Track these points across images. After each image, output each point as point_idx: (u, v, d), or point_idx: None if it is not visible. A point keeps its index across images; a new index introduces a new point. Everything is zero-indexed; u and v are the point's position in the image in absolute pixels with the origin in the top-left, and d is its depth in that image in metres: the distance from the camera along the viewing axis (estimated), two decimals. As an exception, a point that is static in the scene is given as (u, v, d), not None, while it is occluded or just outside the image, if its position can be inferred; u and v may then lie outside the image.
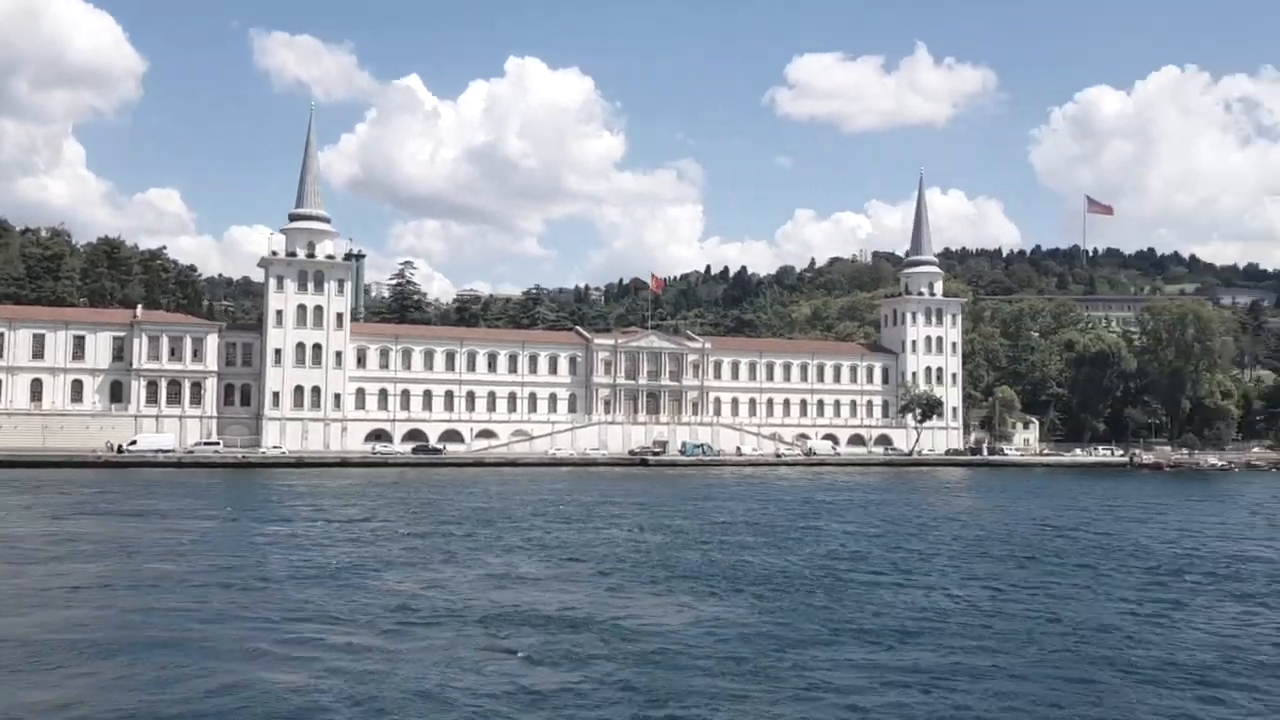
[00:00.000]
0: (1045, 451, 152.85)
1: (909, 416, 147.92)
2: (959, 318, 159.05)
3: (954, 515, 64.61)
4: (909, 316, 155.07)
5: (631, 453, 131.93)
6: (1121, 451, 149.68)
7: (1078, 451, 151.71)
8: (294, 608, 30.13)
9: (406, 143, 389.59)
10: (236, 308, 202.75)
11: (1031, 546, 47.89)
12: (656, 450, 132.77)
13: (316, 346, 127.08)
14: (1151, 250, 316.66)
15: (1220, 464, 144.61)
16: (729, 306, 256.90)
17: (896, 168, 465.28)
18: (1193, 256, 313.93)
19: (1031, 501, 78.67)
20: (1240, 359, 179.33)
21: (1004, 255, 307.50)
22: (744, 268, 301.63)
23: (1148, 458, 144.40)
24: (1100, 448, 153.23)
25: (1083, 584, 37.00)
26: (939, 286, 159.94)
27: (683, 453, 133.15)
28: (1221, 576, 39.54)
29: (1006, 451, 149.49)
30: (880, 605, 31.82)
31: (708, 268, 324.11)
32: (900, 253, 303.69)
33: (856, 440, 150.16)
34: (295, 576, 35.74)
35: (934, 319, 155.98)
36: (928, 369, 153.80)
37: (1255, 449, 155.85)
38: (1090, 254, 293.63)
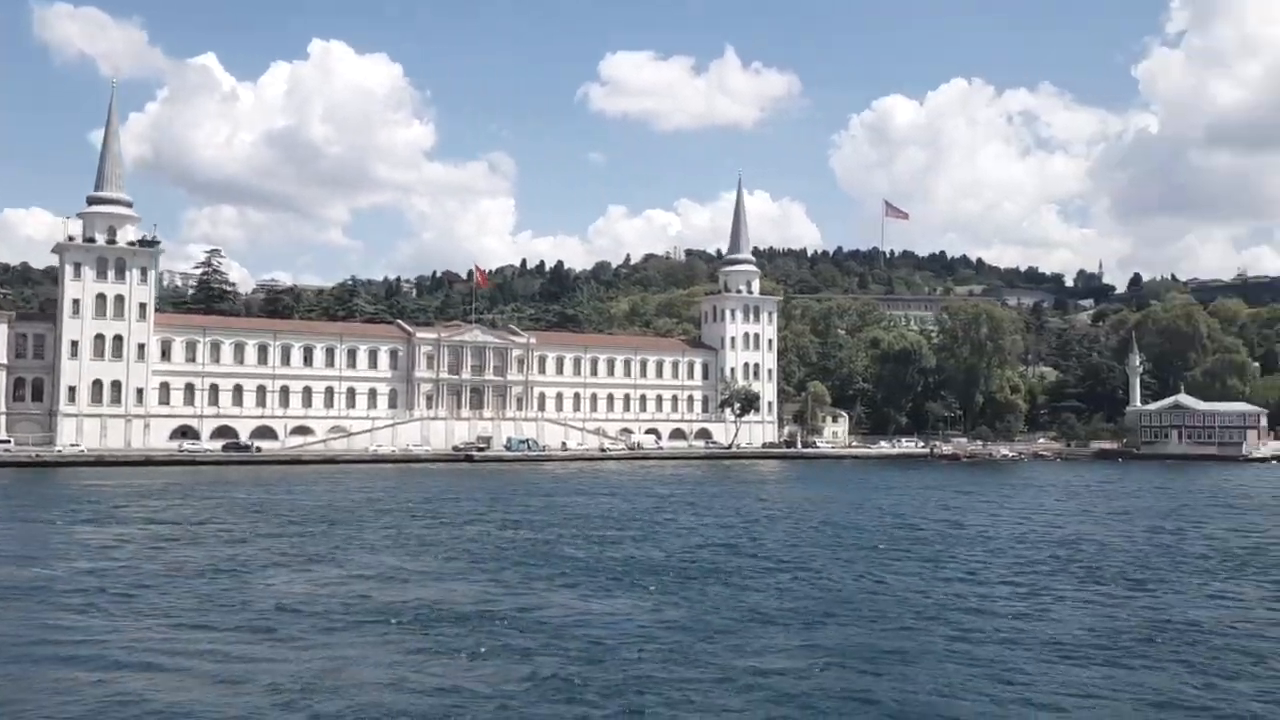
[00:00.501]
0: (854, 444, 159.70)
1: (728, 411, 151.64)
2: (775, 315, 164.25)
3: (796, 506, 66.61)
4: (728, 314, 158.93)
5: (455, 449, 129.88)
6: (922, 443, 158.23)
7: (883, 444, 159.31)
8: (191, 611, 28.33)
9: (202, 124, 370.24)
10: (16, 296, 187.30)
11: (888, 535, 49.94)
12: (481, 446, 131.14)
13: (117, 338, 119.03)
14: (943, 253, 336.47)
15: (1011, 454, 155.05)
16: (546, 301, 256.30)
17: (706, 167, 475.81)
18: (979, 260, 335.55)
19: (861, 491, 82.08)
20: (1026, 356, 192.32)
21: (809, 255, 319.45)
22: (560, 262, 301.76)
23: (946, 449, 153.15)
24: (903, 440, 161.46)
25: (952, 566, 38.87)
26: (756, 285, 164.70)
27: (508, 448, 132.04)
28: (1068, 559, 42.32)
29: (819, 444, 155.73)
30: (776, 591, 32.54)
31: (523, 262, 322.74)
32: (711, 250, 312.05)
33: (678, 434, 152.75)
34: (172, 580, 33.64)
35: (752, 316, 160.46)
36: (746, 365, 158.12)
37: (1040, 440, 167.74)
38: (888, 256, 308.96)
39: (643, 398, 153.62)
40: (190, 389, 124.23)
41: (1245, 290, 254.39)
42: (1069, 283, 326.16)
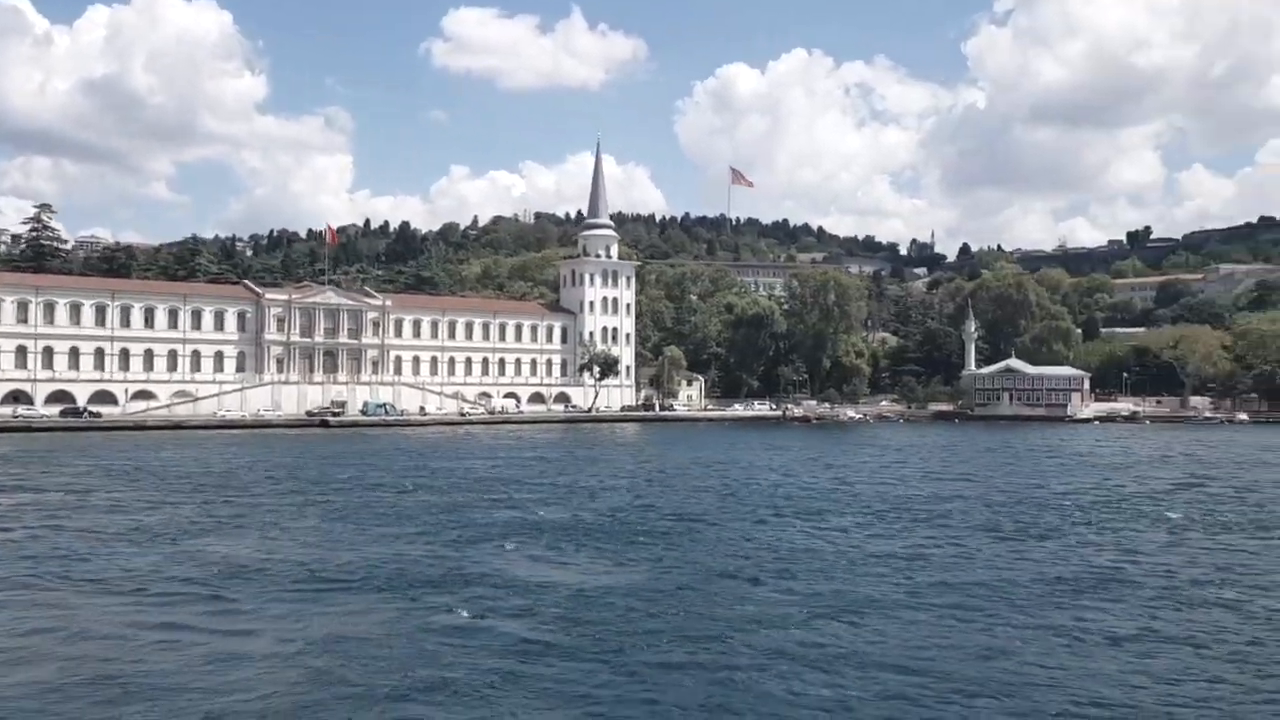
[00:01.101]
0: (709, 407, 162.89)
1: (587, 375, 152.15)
2: (632, 280, 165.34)
3: (685, 467, 67.62)
4: (587, 278, 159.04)
5: (309, 413, 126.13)
6: (774, 406, 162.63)
7: (737, 406, 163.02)
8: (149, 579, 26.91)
9: (11, 70, 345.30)
10: None
11: (802, 491, 51.40)
12: (336, 411, 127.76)
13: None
14: (786, 221, 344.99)
15: (857, 416, 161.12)
16: (393, 262, 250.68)
17: (551, 129, 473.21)
18: (820, 228, 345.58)
19: (738, 452, 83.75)
20: (868, 322, 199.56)
21: (658, 221, 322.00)
22: (406, 223, 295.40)
23: (797, 411, 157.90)
24: (757, 403, 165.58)
25: (874, 522, 40.36)
26: (615, 250, 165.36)
27: (364, 413, 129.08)
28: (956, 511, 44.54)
29: (675, 407, 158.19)
30: (734, 546, 33.33)
31: (367, 222, 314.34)
32: (560, 213, 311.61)
33: (537, 398, 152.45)
34: (109, 548, 31.99)
35: (610, 281, 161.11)
36: (605, 329, 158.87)
37: (884, 402, 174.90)
38: (734, 222, 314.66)
39: (501, 361, 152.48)
40: (22, 352, 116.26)
41: (1066, 260, 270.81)
42: (904, 251, 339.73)
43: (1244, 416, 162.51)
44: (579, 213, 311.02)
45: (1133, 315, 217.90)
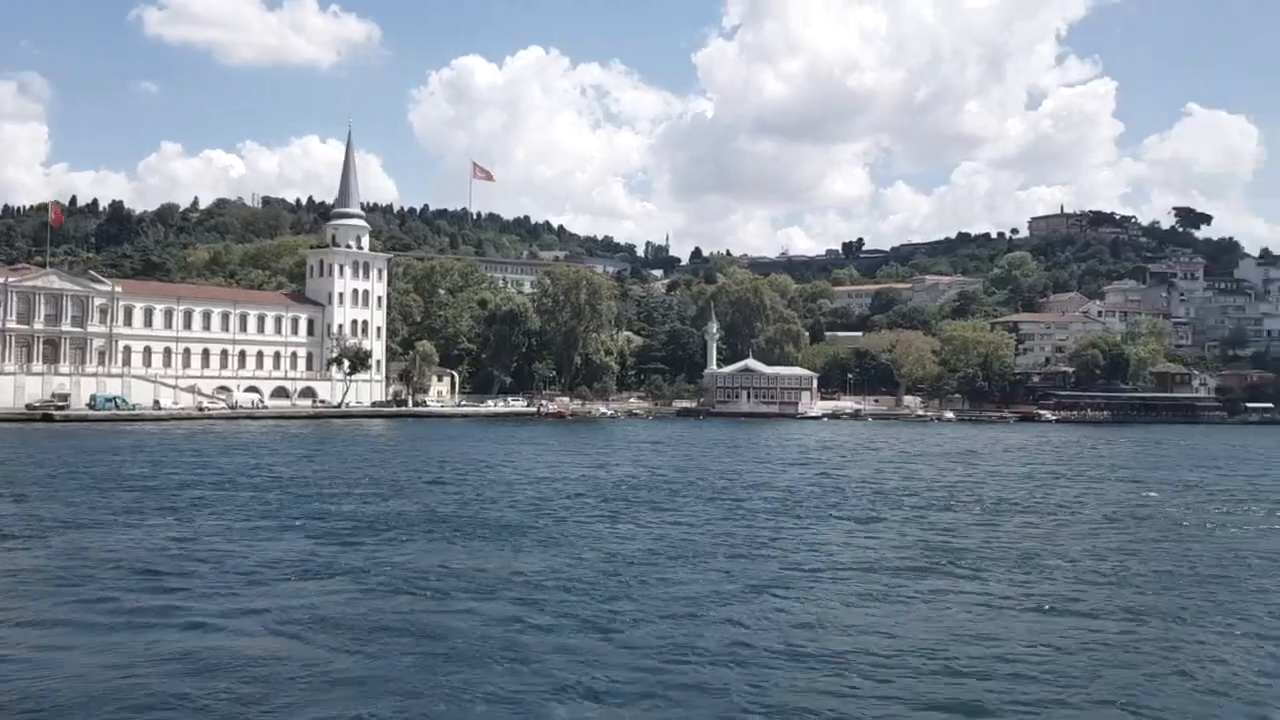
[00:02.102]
0: (463, 403, 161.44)
1: (335, 369, 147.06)
2: (384, 273, 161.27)
3: (474, 463, 67.01)
4: (337, 269, 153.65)
5: (30, 407, 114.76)
6: (528, 403, 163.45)
7: (490, 403, 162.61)
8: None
9: None
10: None
11: (620, 487, 52.19)
12: (60, 404, 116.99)
13: None
14: (527, 218, 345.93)
15: (609, 412, 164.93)
16: (105, 245, 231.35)
17: (275, 109, 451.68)
18: (561, 226, 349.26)
19: (493, 447, 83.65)
20: (617, 321, 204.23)
21: (396, 211, 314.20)
22: (120, 203, 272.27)
23: (552, 408, 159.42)
24: (510, 399, 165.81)
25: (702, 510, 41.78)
26: (366, 240, 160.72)
27: (93, 406, 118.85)
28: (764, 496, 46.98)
29: (428, 403, 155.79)
30: (606, 542, 33.56)
31: (73, 199, 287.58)
32: (286, 198, 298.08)
33: (281, 393, 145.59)
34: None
35: (362, 273, 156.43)
36: (355, 322, 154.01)
37: (632, 399, 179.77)
38: (476, 217, 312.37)
39: (242, 354, 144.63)
40: None
41: (790, 267, 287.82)
42: (640, 253, 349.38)
43: (950, 415, 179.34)
44: (310, 199, 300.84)
45: (851, 320, 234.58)
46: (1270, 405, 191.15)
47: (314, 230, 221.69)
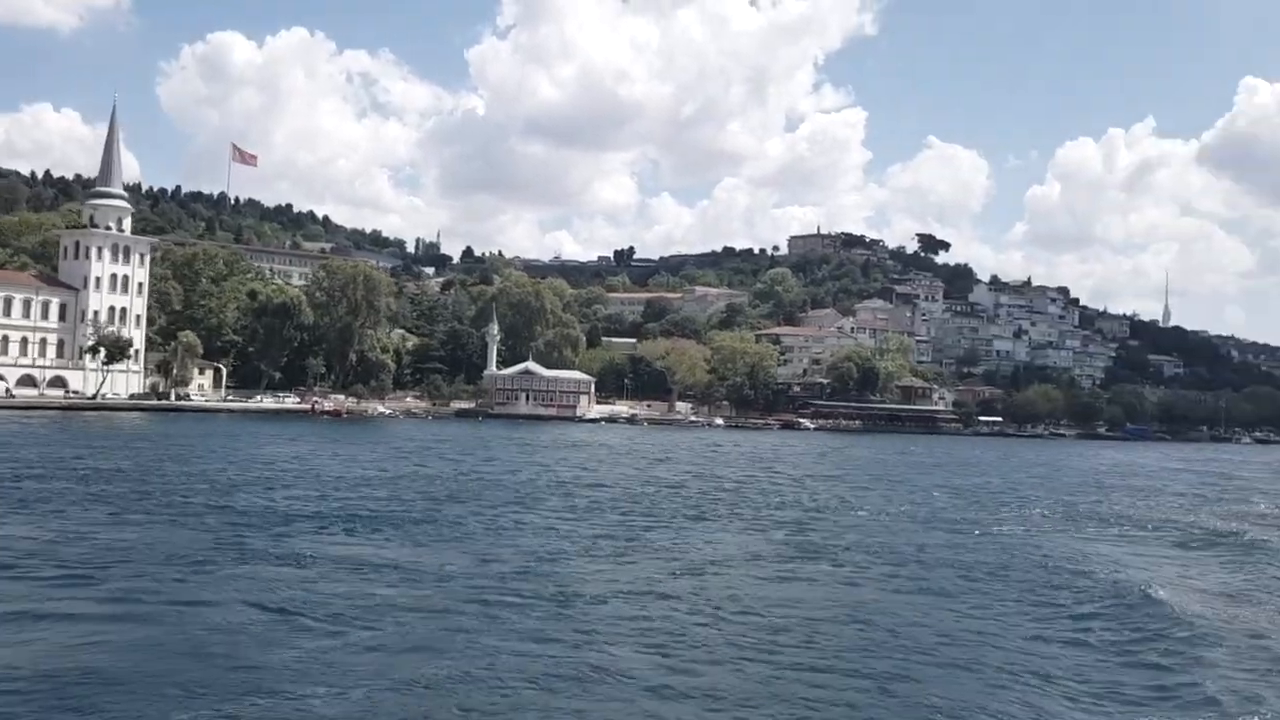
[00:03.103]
0: (229, 398, 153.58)
1: (89, 358, 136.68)
2: (147, 258, 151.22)
3: (312, 464, 64.64)
4: (94, 252, 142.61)
5: None
6: (301, 399, 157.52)
7: (260, 398, 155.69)
8: None
9: None
10: None
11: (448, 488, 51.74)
12: None
13: None
14: (290, 206, 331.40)
15: (387, 411, 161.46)
16: None
17: (5, 74, 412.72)
18: (326, 217, 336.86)
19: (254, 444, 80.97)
20: (393, 318, 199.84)
21: (145, 191, 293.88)
22: None
23: (327, 405, 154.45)
24: (282, 395, 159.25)
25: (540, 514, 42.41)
26: (128, 223, 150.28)
27: None
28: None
29: (192, 397, 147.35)
30: (478, 541, 33.56)
31: None
32: (25, 170, 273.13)
33: (28, 381, 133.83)
34: None
35: (122, 257, 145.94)
36: (113, 309, 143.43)
37: (409, 398, 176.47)
38: (235, 202, 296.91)
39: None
40: None
41: (564, 272, 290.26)
42: (410, 249, 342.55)
43: (720, 421, 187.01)
44: (49, 173, 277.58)
45: (624, 327, 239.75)
46: (999, 419, 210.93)
47: (55, 207, 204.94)
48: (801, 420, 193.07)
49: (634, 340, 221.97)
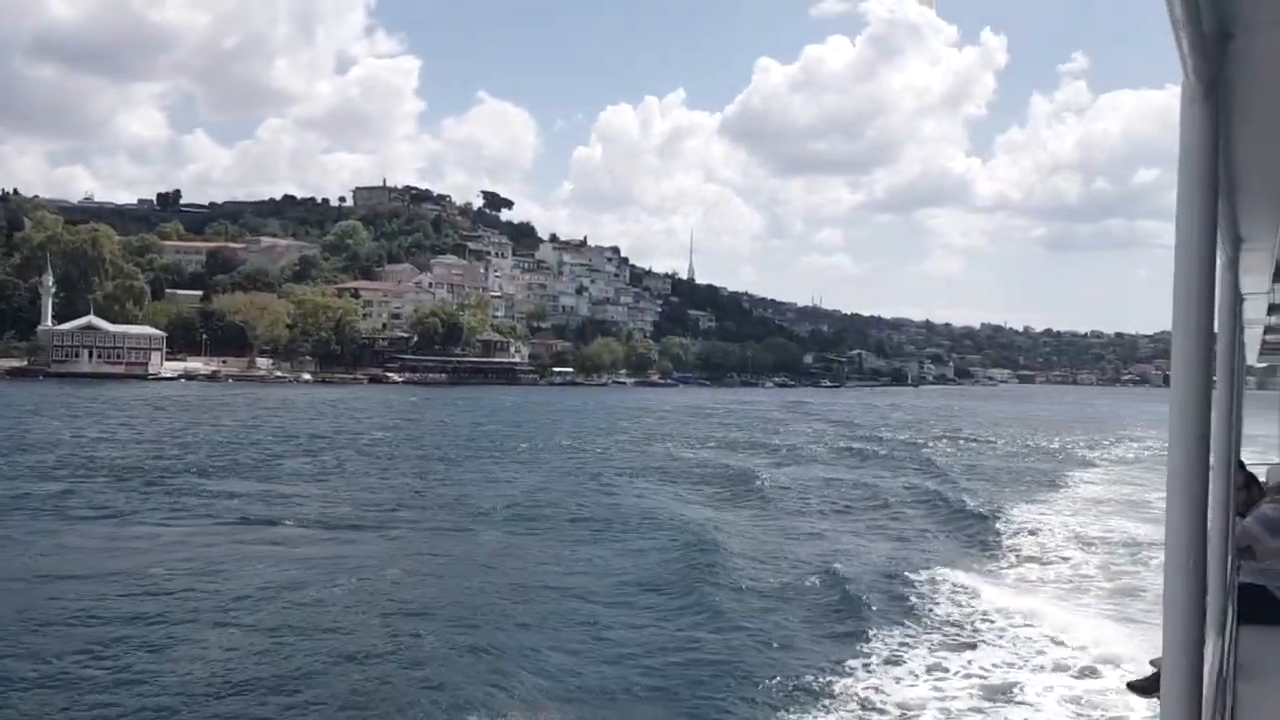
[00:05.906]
0: None
1: None
2: None
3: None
4: None
5: None
6: None
7: None
8: None
9: None
10: None
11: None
12: None
13: None
14: None
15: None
16: None
17: None
18: None
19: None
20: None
21: None
22: None
23: None
24: None
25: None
26: None
27: None
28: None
29: None
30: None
31: None
32: None
33: None
34: None
35: None
36: None
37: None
38: None
39: None
40: None
41: (99, 215, 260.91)
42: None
43: (308, 377, 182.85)
44: None
45: (185, 279, 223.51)
46: (570, 370, 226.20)
47: None
48: (389, 374, 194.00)
49: (200, 293, 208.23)
